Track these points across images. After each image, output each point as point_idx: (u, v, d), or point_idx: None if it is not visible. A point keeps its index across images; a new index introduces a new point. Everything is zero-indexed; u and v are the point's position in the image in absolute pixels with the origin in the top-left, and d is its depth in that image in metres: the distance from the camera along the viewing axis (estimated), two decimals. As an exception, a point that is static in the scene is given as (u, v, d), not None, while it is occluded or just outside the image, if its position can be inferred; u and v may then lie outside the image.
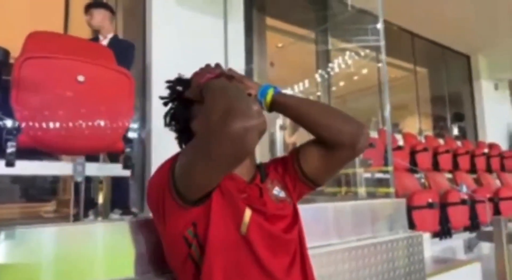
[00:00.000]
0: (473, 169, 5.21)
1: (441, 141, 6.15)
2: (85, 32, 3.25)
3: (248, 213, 0.80)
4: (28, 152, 1.63)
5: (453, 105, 7.43)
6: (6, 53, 1.47)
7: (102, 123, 1.70)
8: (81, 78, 1.65)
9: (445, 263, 2.85)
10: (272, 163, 1.00)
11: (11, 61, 1.77)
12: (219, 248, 0.77)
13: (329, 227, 1.65)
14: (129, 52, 2.61)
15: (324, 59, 5.20)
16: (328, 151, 0.90)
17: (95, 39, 2.70)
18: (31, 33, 1.83)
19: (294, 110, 0.91)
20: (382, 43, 3.20)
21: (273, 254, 0.81)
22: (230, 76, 0.92)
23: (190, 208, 0.77)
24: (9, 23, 3.77)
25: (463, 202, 3.71)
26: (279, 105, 0.91)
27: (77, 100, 1.64)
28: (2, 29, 3.24)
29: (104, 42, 2.63)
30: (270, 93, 0.92)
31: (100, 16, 2.70)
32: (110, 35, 2.68)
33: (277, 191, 0.92)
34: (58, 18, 3.78)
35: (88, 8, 2.74)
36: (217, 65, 0.93)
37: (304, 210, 1.73)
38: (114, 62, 1.92)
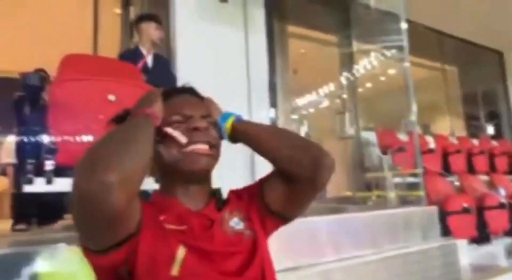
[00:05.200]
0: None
1: (475, 142, 5.91)
2: (112, 53, 3.38)
3: (181, 252, 0.67)
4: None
5: (487, 103, 7.13)
6: (43, 78, 1.56)
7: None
8: (112, 97, 1.73)
9: (485, 271, 2.72)
10: (236, 190, 0.87)
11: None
12: None
13: (360, 237, 1.63)
14: (170, 67, 2.70)
15: (348, 62, 5.14)
16: (289, 184, 0.78)
17: (136, 52, 2.71)
18: (65, 56, 1.93)
19: (254, 139, 0.81)
20: (405, 43, 3.14)
21: None
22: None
23: (111, 253, 0.63)
24: (44, 47, 4.00)
25: (501, 205, 3.55)
26: (240, 133, 0.81)
27: (109, 118, 1.71)
28: (39, 53, 3.45)
29: (149, 58, 2.67)
30: (230, 121, 0.81)
31: (162, 33, 2.76)
32: (152, 51, 2.72)
33: (235, 223, 0.78)
34: (88, 40, 3.98)
35: (155, 20, 2.74)
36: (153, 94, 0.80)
37: (335, 221, 1.72)
38: (141, 80, 2.00)
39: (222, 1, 3.20)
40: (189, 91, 0.85)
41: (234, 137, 0.82)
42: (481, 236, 3.35)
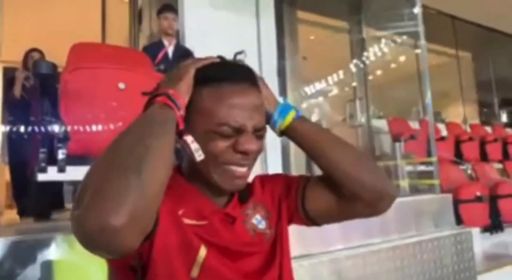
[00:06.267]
0: (526, 158, 4.88)
1: (488, 129, 5.80)
2: (120, 41, 3.37)
3: (202, 252, 0.62)
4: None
5: (501, 90, 6.98)
6: (54, 66, 1.56)
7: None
8: (121, 85, 1.73)
9: (498, 260, 2.70)
10: (263, 178, 0.79)
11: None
12: None
13: (372, 225, 1.61)
14: (192, 57, 2.70)
15: (359, 48, 5.06)
16: (342, 199, 0.72)
17: (159, 43, 2.72)
18: (74, 44, 1.92)
19: (314, 145, 0.72)
20: (420, 28, 3.05)
21: None
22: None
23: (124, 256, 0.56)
24: (53, 35, 4.00)
25: (515, 194, 3.49)
26: (297, 134, 0.72)
27: (119, 106, 1.71)
28: (47, 42, 3.45)
29: (170, 48, 2.68)
30: (291, 116, 0.72)
31: (176, 22, 2.75)
32: (174, 42, 2.73)
33: (257, 220, 0.73)
34: (96, 28, 3.97)
35: (166, 12, 2.72)
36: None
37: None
38: (151, 68, 1.98)
39: (230, -13, 3.15)
40: (245, 77, 0.66)
41: (285, 133, 0.73)
42: (494, 225, 3.32)
